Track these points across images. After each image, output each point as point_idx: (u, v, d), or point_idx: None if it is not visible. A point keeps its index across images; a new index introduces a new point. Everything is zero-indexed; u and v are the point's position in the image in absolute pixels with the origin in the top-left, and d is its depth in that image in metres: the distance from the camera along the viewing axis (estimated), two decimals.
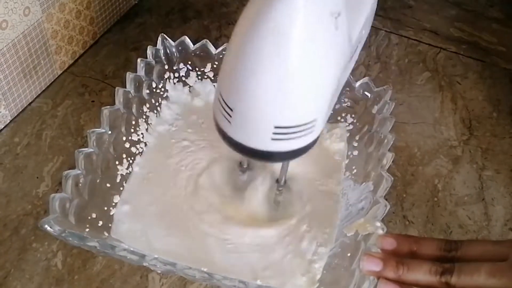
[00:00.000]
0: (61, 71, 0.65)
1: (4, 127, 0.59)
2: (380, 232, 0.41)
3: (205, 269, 0.43)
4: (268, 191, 0.52)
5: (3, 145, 0.57)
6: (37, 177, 0.55)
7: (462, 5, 0.81)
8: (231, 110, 0.39)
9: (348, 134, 0.58)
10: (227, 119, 0.39)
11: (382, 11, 0.79)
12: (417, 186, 0.57)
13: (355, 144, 0.57)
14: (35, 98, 0.62)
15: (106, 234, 0.48)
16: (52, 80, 0.64)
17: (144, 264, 0.42)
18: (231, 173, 0.54)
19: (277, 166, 0.51)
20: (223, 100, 0.39)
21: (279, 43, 0.34)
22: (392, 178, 0.47)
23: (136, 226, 0.50)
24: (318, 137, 0.42)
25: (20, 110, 0.61)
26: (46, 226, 0.42)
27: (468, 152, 0.61)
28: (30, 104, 0.62)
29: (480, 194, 0.57)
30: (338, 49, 0.37)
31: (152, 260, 0.42)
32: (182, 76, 0.61)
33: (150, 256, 0.42)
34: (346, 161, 0.56)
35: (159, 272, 0.48)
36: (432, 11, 0.80)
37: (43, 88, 0.63)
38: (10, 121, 0.60)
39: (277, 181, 0.52)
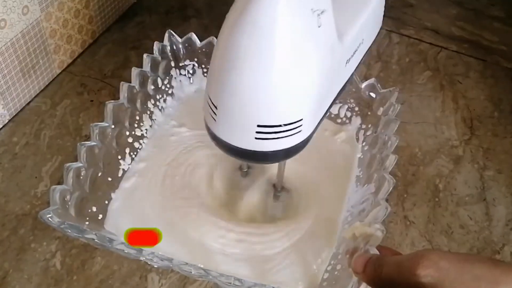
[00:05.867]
0: (60, 71, 0.65)
1: (3, 126, 0.59)
2: (379, 234, 0.40)
3: (201, 265, 0.43)
4: (266, 195, 0.52)
5: (1, 144, 0.57)
6: (36, 177, 0.55)
7: (463, 4, 0.81)
8: (216, 108, 0.38)
9: (354, 136, 0.58)
10: (213, 117, 0.39)
11: None
12: (418, 186, 0.57)
13: (360, 146, 0.57)
14: (34, 97, 0.62)
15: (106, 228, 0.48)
16: (51, 80, 0.64)
17: (141, 258, 0.42)
18: (231, 176, 0.54)
19: (275, 170, 0.51)
20: (209, 98, 0.39)
21: (257, 38, 0.34)
22: (395, 181, 0.46)
23: (129, 220, 0.50)
24: (308, 139, 0.41)
25: (19, 109, 0.60)
26: (47, 216, 0.42)
27: (469, 152, 0.61)
28: (28, 103, 0.61)
29: (482, 194, 0.57)
30: (322, 47, 0.37)
31: (149, 255, 0.42)
32: (189, 72, 0.60)
33: (147, 251, 0.42)
34: (356, 165, 0.56)
35: (156, 266, 0.47)
36: (433, 10, 0.80)
37: (42, 88, 0.63)
38: (9, 121, 0.59)
39: (274, 186, 0.52)
